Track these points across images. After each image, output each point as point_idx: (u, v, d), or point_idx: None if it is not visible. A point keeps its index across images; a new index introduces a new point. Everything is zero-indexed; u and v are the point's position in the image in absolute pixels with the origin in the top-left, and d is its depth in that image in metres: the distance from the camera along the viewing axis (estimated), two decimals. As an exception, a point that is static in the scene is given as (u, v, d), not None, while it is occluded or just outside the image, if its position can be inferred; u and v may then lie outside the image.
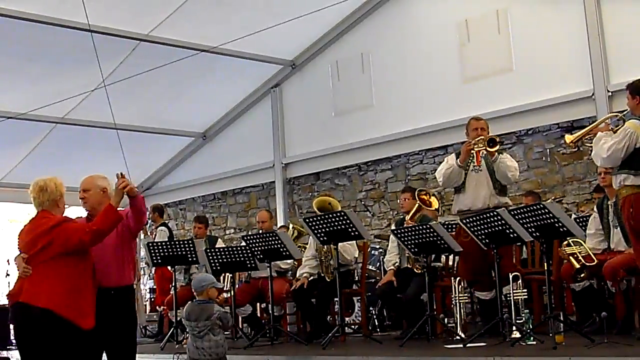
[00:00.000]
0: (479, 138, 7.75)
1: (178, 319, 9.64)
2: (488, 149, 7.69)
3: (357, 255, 9.02)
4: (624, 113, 6.84)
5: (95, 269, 5.65)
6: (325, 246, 8.83)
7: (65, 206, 5.81)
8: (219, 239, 11.07)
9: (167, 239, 11.29)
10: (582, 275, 7.35)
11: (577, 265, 7.35)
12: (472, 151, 7.81)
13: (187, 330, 6.66)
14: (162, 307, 10.81)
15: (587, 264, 7.36)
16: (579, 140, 7.02)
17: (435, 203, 8.62)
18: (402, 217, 9.06)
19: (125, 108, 12.68)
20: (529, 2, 10.80)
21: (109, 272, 5.69)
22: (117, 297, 5.70)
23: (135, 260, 5.71)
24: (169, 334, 9.64)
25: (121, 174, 5.55)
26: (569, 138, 7.15)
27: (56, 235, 5.44)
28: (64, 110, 13.01)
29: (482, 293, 7.93)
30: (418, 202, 8.49)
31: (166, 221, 13.18)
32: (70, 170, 13.25)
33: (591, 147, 6.88)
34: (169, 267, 10.47)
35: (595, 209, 7.81)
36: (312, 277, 9.11)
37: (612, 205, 7.51)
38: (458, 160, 7.85)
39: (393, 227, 8.61)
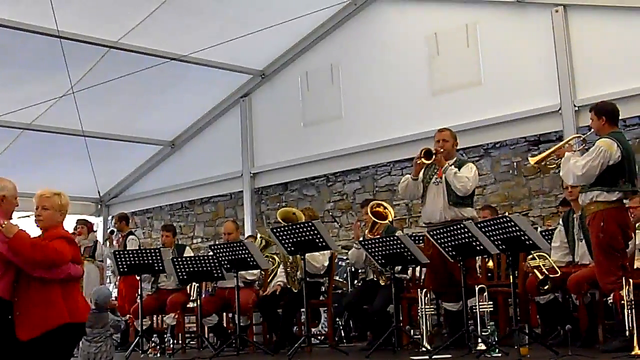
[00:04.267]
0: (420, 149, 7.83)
1: (144, 328, 9.58)
2: (424, 160, 7.74)
3: (326, 264, 8.99)
4: (586, 134, 7.12)
5: None
6: (291, 257, 8.82)
7: None
8: (187, 247, 11.00)
9: (137, 247, 11.21)
10: (545, 287, 7.41)
11: (540, 277, 7.41)
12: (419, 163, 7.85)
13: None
14: (127, 316, 10.71)
15: (551, 275, 7.43)
16: (543, 161, 7.21)
17: (390, 215, 8.64)
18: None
19: (94, 115, 12.61)
20: (498, 17, 10.88)
21: None
22: None
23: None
24: (134, 343, 9.56)
25: None
26: (532, 160, 7.39)
27: None
28: (31, 117, 12.91)
29: (449, 304, 7.97)
30: (371, 217, 8.50)
31: (133, 229, 13.10)
32: (38, 177, 13.27)
33: (553, 167, 7.11)
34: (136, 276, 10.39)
35: (560, 222, 7.88)
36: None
37: (577, 218, 7.58)
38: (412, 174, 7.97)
39: (361, 239, 8.62)
